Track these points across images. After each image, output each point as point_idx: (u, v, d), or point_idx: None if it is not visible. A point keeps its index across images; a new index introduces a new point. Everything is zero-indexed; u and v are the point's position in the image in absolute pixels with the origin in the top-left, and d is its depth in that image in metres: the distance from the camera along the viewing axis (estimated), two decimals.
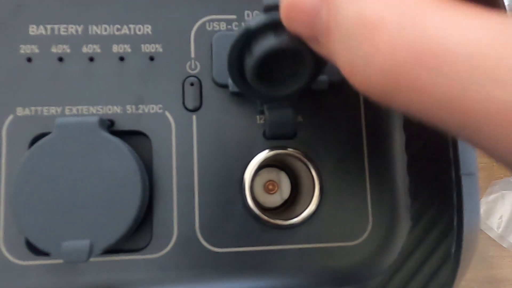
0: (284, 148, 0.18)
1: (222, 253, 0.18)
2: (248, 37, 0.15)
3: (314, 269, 0.18)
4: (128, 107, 0.18)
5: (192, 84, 0.19)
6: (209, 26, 0.19)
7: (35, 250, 0.18)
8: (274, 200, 0.20)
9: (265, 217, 0.18)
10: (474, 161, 0.20)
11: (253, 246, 0.18)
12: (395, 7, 0.10)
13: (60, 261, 0.17)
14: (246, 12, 0.19)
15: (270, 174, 0.20)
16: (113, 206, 0.16)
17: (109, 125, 0.18)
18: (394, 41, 0.10)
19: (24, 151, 0.18)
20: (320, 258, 0.18)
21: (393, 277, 0.18)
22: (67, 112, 0.18)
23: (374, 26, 0.11)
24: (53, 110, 0.18)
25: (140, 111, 0.18)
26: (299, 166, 0.19)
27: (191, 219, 0.18)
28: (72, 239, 0.16)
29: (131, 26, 0.19)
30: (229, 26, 0.19)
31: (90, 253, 0.16)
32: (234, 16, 0.19)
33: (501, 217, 0.57)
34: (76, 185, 0.16)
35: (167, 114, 0.18)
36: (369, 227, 0.19)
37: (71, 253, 0.16)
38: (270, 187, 0.19)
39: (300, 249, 0.18)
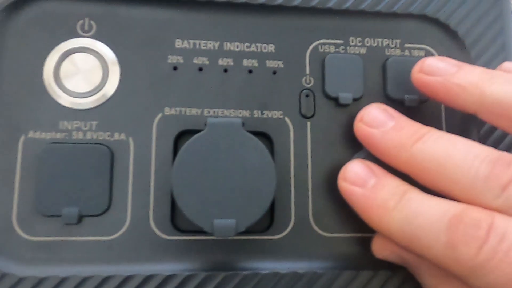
0: None
1: (330, 237, 0.21)
2: None
3: None
4: (255, 112, 0.22)
5: (307, 96, 0.22)
6: (321, 48, 0.23)
7: (178, 227, 0.21)
8: None
9: None
10: None
11: (357, 233, 0.22)
12: None
13: (197, 238, 0.21)
14: (351, 38, 0.23)
15: None
16: (253, 192, 0.19)
17: None
18: None
19: (170, 144, 0.21)
20: None
21: None
22: (205, 113, 0.22)
23: None
24: (194, 111, 0.22)
25: (264, 116, 0.22)
26: None
27: (305, 207, 0.21)
28: (221, 218, 0.19)
29: (258, 44, 0.22)
30: (337, 49, 0.23)
31: (236, 230, 0.19)
32: (341, 41, 0.23)
33: None
34: (223, 173, 0.19)
35: (287, 119, 0.22)
36: None
37: (221, 229, 0.19)
38: None
39: None
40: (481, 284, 0.16)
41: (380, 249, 0.20)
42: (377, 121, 0.20)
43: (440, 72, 0.20)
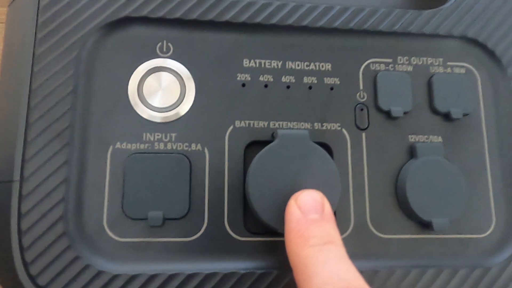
0: None
1: (387, 238, 0.23)
2: None
3: (452, 255, 0.24)
4: (315, 124, 0.24)
5: (361, 109, 0.25)
6: (372, 66, 0.25)
7: (249, 229, 0.23)
8: None
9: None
10: None
11: (412, 234, 0.24)
12: None
13: (269, 239, 0.23)
14: (399, 57, 0.26)
15: None
16: None
17: None
18: None
19: (241, 153, 0.23)
20: (457, 246, 0.24)
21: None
22: (271, 126, 0.24)
23: None
24: (261, 123, 0.24)
25: (324, 128, 0.24)
26: None
27: (363, 210, 0.24)
28: None
29: (317, 63, 0.25)
30: (386, 67, 0.25)
31: None
32: (390, 60, 0.25)
33: None
34: (293, 180, 0.21)
35: (344, 131, 0.24)
36: (493, 224, 0.24)
37: None
38: None
39: (443, 238, 0.24)
40: None
41: None
42: (306, 207, 0.20)
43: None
